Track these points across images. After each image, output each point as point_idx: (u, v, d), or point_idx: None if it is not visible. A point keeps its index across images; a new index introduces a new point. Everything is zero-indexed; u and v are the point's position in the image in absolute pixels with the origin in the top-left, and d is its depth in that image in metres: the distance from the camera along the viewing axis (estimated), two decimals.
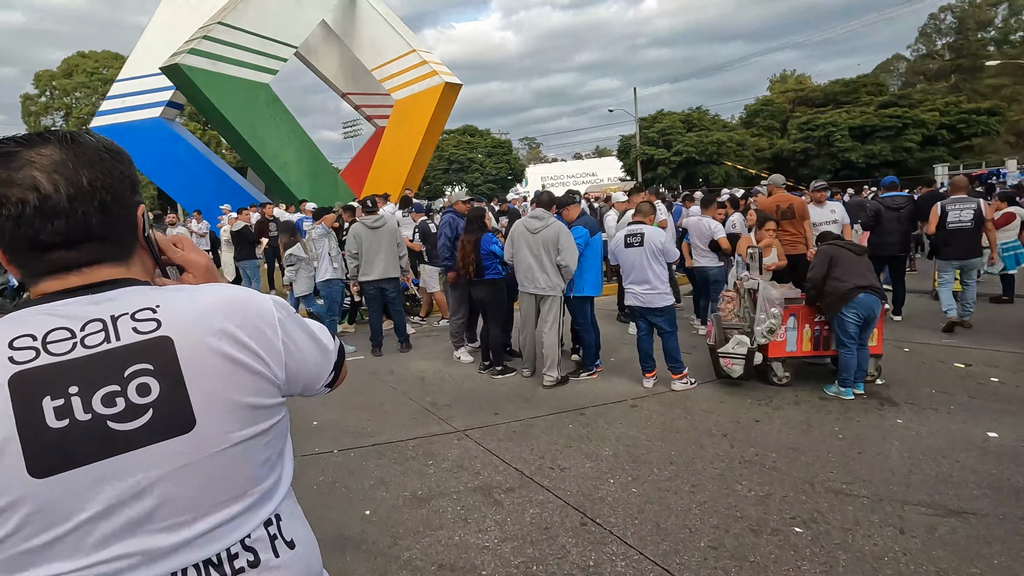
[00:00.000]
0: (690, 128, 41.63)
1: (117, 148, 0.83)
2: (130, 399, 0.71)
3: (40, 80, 37.60)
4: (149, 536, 0.71)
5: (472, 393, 4.91)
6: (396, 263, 6.23)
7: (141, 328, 0.73)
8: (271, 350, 0.81)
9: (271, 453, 0.82)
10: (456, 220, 5.86)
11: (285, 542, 0.82)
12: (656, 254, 4.46)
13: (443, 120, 20.63)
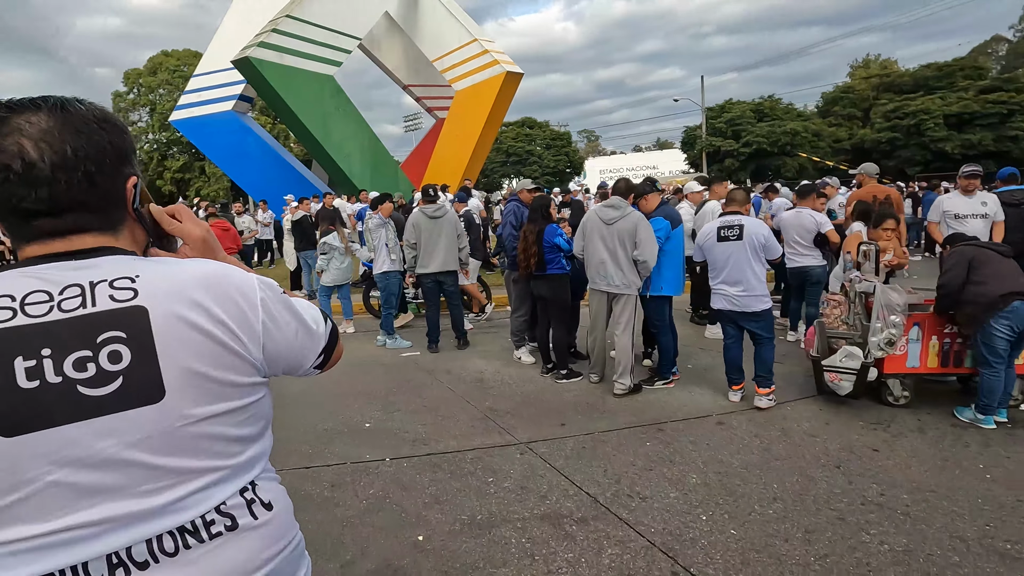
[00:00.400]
0: (761, 118, 39.37)
1: (110, 118, 0.82)
2: (101, 365, 0.71)
3: (128, 78, 40.16)
4: (118, 502, 0.72)
5: (535, 399, 4.49)
6: (456, 255, 5.89)
7: (118, 296, 0.74)
8: (248, 329, 0.81)
9: (248, 431, 0.83)
10: (520, 209, 5.44)
11: (263, 504, 0.84)
12: (757, 250, 3.86)
13: (503, 110, 20.27)
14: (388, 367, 5.52)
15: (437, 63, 20.53)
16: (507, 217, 5.42)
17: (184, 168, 39.94)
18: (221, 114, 20.51)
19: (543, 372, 5.03)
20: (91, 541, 0.70)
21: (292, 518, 0.92)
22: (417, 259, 5.82)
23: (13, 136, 0.72)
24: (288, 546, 0.88)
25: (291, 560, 0.89)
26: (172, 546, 0.75)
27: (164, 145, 40.98)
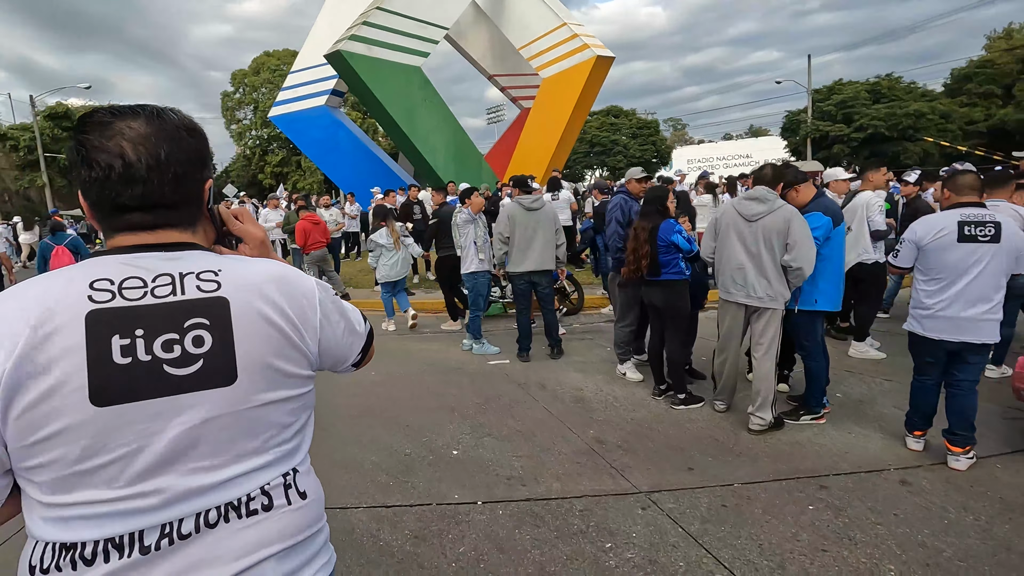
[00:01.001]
0: (877, 99, 35.35)
1: (195, 127, 0.90)
2: (186, 348, 0.79)
3: (235, 79, 42.97)
4: (182, 476, 0.79)
5: (650, 429, 3.76)
6: (553, 253, 5.25)
7: (204, 287, 0.82)
8: (309, 325, 0.90)
9: (296, 419, 0.91)
10: (628, 203, 4.68)
11: (298, 492, 0.90)
12: (1013, 259, 2.88)
13: (592, 96, 19.33)
14: (475, 377, 4.99)
15: (524, 50, 19.93)
16: (612, 212, 4.68)
17: (282, 163, 42.24)
18: (314, 109, 21.16)
19: (655, 394, 4.28)
20: (151, 512, 0.77)
21: (322, 511, 0.98)
22: (509, 255, 5.24)
23: (116, 139, 0.80)
24: (314, 532, 0.93)
25: (313, 545, 0.93)
26: (215, 518, 0.81)
27: (265, 141, 43.56)
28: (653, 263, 3.93)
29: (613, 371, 4.90)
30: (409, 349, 6.04)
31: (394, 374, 5.14)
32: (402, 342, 6.41)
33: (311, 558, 0.92)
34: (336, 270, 10.28)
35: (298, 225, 7.84)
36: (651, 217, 4.00)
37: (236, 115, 44.73)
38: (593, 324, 6.88)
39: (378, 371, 5.24)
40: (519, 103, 24.12)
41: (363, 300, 8.57)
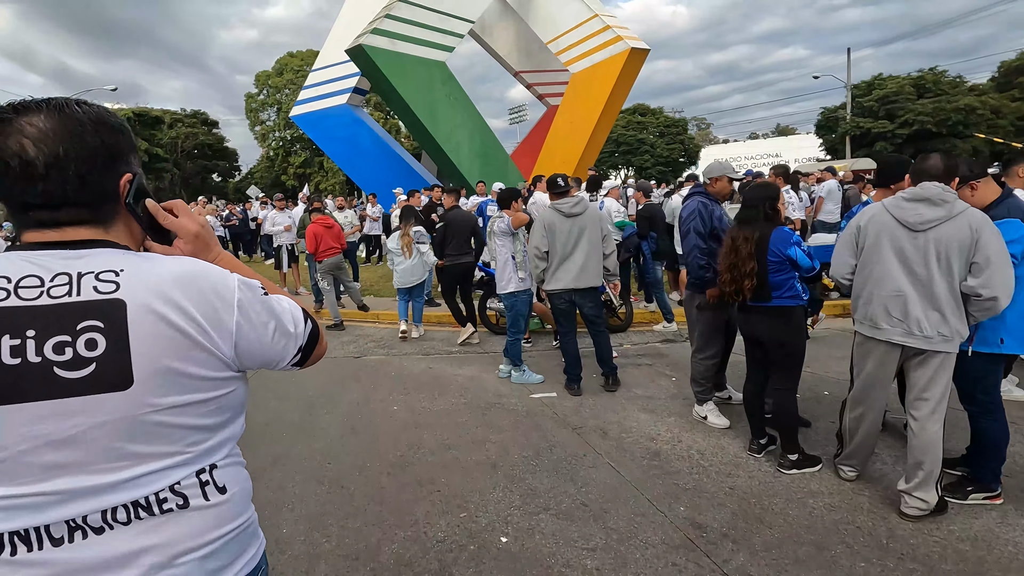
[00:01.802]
0: (921, 94, 33.52)
1: (105, 119, 0.86)
2: (78, 350, 0.77)
3: (259, 80, 42.93)
4: (80, 476, 0.78)
5: (760, 506, 2.83)
6: (599, 265, 4.36)
7: (101, 288, 0.80)
8: (220, 326, 0.85)
9: (215, 421, 0.88)
10: (710, 207, 3.74)
11: (217, 487, 0.88)
12: None
13: (625, 92, 18.31)
14: (518, 416, 4.11)
15: (552, 44, 19.03)
16: (689, 221, 3.72)
17: (305, 164, 42.03)
18: (335, 108, 20.57)
19: (752, 450, 3.34)
20: (54, 507, 0.77)
21: (248, 503, 0.97)
22: (548, 272, 4.36)
23: (15, 136, 0.79)
24: (238, 528, 0.92)
25: (240, 540, 0.93)
26: (125, 517, 0.81)
27: (288, 142, 43.43)
28: (761, 284, 3.00)
29: (688, 412, 3.98)
30: (438, 375, 5.19)
31: (421, 411, 4.29)
32: (428, 364, 5.57)
33: (243, 549, 0.94)
34: (355, 278, 9.52)
35: (308, 229, 7.08)
36: (756, 224, 3.07)
37: (260, 116, 44.71)
38: (647, 344, 5.95)
39: (403, 406, 4.40)
40: (545, 100, 23.24)
41: (385, 311, 7.77)
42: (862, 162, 23.87)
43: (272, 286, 0.99)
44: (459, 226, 6.37)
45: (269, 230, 9.31)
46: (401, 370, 5.42)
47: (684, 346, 5.80)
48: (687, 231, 3.69)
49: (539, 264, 4.40)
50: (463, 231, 6.35)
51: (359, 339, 6.81)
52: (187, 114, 44.23)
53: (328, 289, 7.26)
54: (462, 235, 6.34)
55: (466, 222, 6.44)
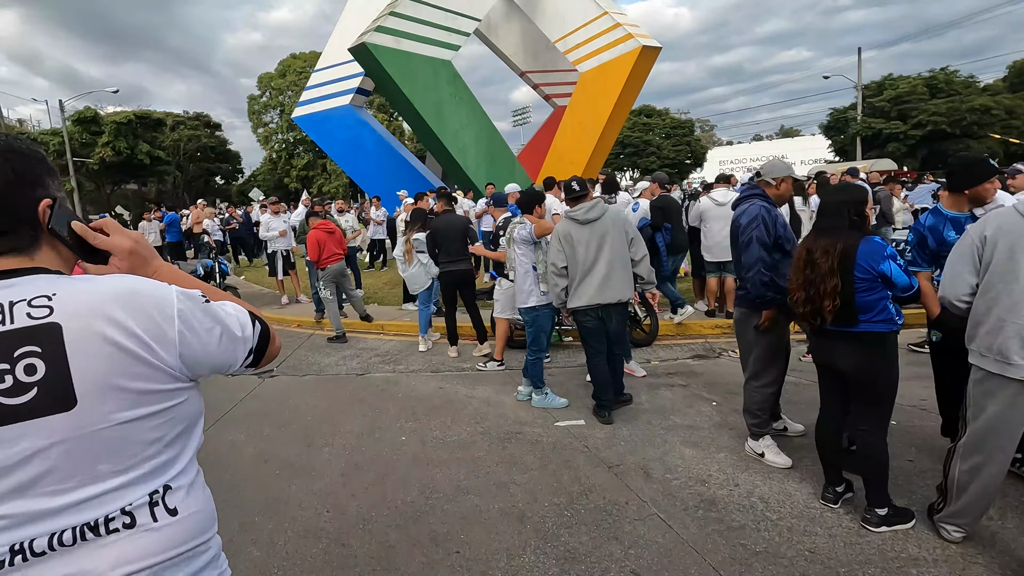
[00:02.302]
0: (934, 94, 32.91)
1: (15, 148, 0.87)
2: (18, 377, 0.78)
3: (261, 81, 42.60)
4: (30, 500, 0.79)
5: (849, 574, 2.32)
6: (629, 275, 3.85)
7: (34, 314, 0.81)
8: (162, 339, 0.87)
9: (164, 433, 0.89)
10: (774, 212, 3.23)
11: (167, 509, 0.89)
12: None
13: (635, 91, 17.82)
14: (544, 450, 3.60)
15: (560, 43, 18.56)
16: (751, 229, 3.18)
17: (308, 166, 41.66)
18: (338, 108, 20.15)
19: (828, 499, 2.83)
20: (3, 532, 0.78)
21: (206, 527, 0.95)
22: (569, 289, 3.87)
23: None
24: (189, 552, 0.90)
25: (190, 564, 0.91)
26: (71, 539, 0.81)
27: (291, 145, 43.07)
28: (845, 306, 2.49)
29: (738, 446, 3.48)
30: (450, 397, 4.69)
31: (433, 443, 3.80)
32: (439, 384, 5.07)
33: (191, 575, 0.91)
34: (357, 285, 9.04)
35: (309, 236, 6.60)
36: (839, 233, 2.56)
37: (263, 119, 44.38)
38: (677, 361, 5.44)
39: (412, 435, 3.91)
40: (552, 101, 22.81)
41: (390, 321, 7.28)
42: (882, 163, 23.33)
43: (216, 293, 1.03)
44: (448, 232, 5.80)
45: (263, 235, 8.83)
46: (409, 391, 4.92)
47: (718, 363, 5.29)
48: (748, 240, 3.16)
49: (558, 282, 3.87)
50: (453, 236, 5.77)
51: (363, 353, 6.32)
52: (189, 116, 43.94)
53: (331, 299, 6.78)
54: (453, 241, 5.77)
55: (454, 226, 5.87)
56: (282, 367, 5.92)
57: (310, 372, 5.70)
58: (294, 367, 5.90)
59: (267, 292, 10.28)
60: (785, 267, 3.09)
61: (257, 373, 5.68)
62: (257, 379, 5.54)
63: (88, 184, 34.21)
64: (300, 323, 7.97)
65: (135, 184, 39.55)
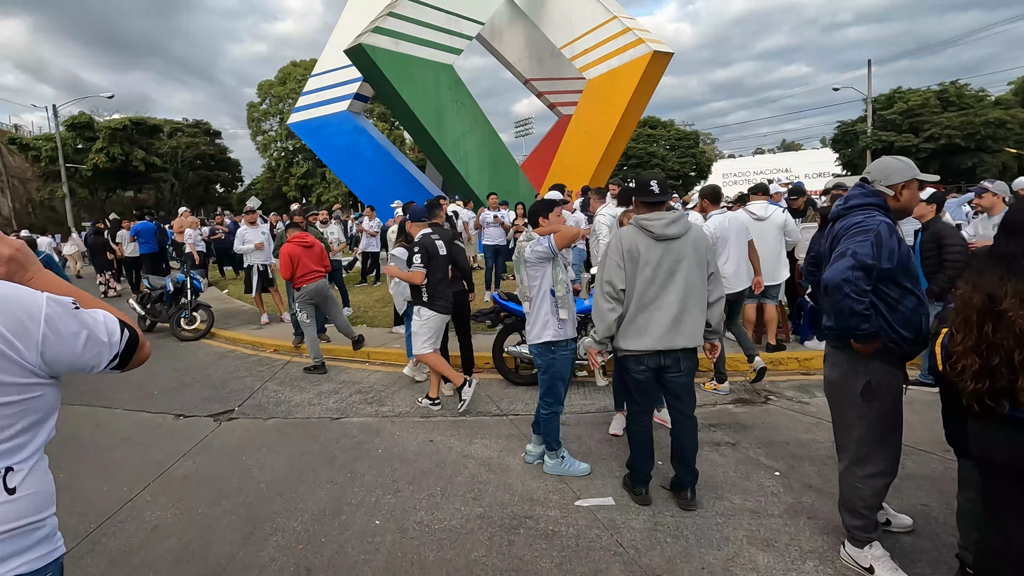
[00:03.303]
0: (945, 107, 32.22)
1: None
2: None
3: (261, 89, 42.05)
4: None
5: None
6: (703, 316, 2.93)
7: None
8: (26, 338, 1.01)
9: (15, 422, 1.03)
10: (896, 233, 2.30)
11: (6, 489, 1.02)
12: None
13: (645, 98, 17.03)
14: (562, 550, 2.68)
15: (567, 49, 17.83)
16: (856, 239, 2.25)
17: (307, 174, 40.97)
18: (336, 115, 19.40)
19: None
20: None
21: (41, 507, 1.09)
22: (621, 321, 2.95)
23: None
24: (24, 528, 1.04)
25: (24, 538, 1.05)
26: None
27: (290, 153, 42.43)
28: None
29: (829, 548, 2.56)
30: (441, 456, 3.77)
31: (416, 530, 2.88)
32: (428, 435, 4.16)
33: (25, 548, 1.05)
34: (344, 303, 8.14)
35: (282, 250, 5.73)
36: None
37: (262, 126, 43.80)
38: (715, 408, 4.52)
39: (389, 517, 2.99)
40: (557, 110, 22.08)
41: (376, 348, 6.37)
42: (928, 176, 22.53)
43: (89, 300, 1.19)
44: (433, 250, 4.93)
45: (238, 248, 7.93)
46: (391, 445, 4.01)
47: (768, 411, 4.37)
48: (842, 253, 2.24)
49: (610, 310, 2.84)
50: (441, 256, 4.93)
51: (343, 388, 5.41)
52: (188, 124, 43.35)
53: (308, 323, 5.88)
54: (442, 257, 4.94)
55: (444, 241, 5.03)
56: (245, 405, 5.01)
57: (276, 414, 4.78)
58: (259, 406, 4.99)
59: (248, 309, 9.39)
60: (910, 308, 2.20)
61: (213, 415, 4.78)
62: (212, 422, 4.63)
63: (81, 190, 33.46)
64: (277, 347, 7.06)
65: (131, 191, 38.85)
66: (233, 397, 5.26)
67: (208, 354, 6.98)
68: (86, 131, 31.97)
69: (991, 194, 5.05)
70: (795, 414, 4.28)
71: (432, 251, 4.53)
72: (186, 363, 6.56)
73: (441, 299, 4.60)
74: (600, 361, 2.93)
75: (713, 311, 2.88)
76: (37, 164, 32.70)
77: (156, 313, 8.17)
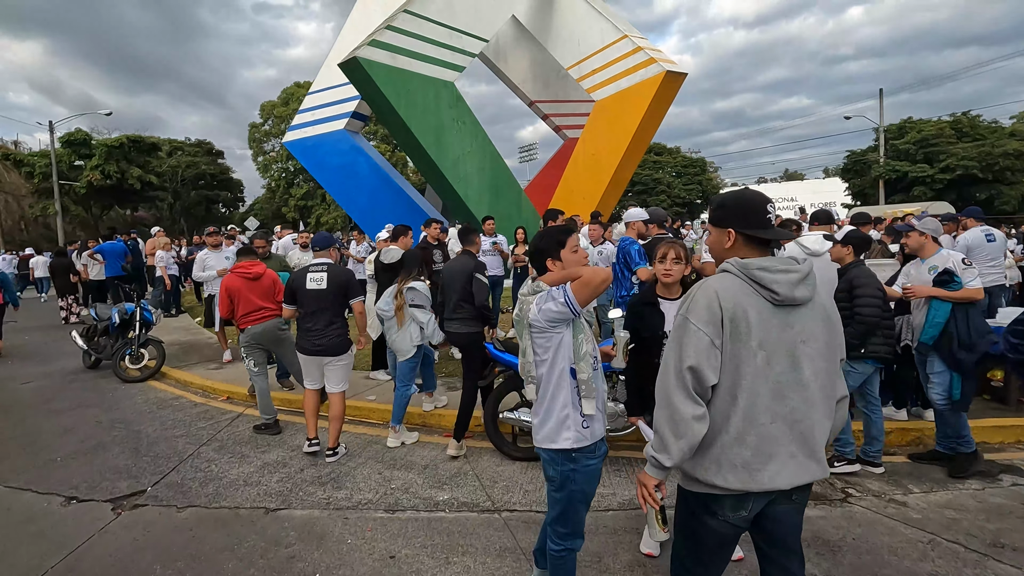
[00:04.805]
0: (959, 138, 31.50)
1: None
2: None
3: (264, 110, 41.72)
4: None
5: None
6: (829, 426, 1.72)
7: None
8: None
9: None
10: None
11: None
12: None
13: (657, 120, 16.15)
14: None
15: (574, 70, 17.04)
16: None
17: (307, 196, 40.29)
18: (332, 133, 18.59)
19: None
20: None
21: None
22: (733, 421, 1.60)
23: None
24: None
25: None
26: None
27: (291, 173, 41.85)
28: None
29: None
30: None
31: None
32: (391, 547, 3.03)
33: None
34: None
35: (222, 283, 4.65)
36: None
37: (264, 147, 43.34)
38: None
39: None
40: (563, 133, 21.26)
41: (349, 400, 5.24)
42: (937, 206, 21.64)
43: None
44: (450, 280, 4.31)
45: (196, 275, 6.86)
46: (336, 562, 2.87)
47: (851, 514, 3.21)
48: None
49: (697, 418, 1.58)
50: (456, 286, 4.25)
51: (294, 458, 4.28)
52: (190, 143, 42.92)
53: (256, 371, 4.79)
54: (455, 291, 4.26)
55: (459, 272, 4.31)
56: (164, 483, 3.88)
57: (198, 499, 3.64)
58: (180, 485, 3.85)
59: (214, 343, 8.27)
60: None
61: (114, 500, 3.64)
62: (110, 511, 3.49)
63: (75, 207, 32.71)
64: (231, 394, 5.94)
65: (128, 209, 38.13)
66: (153, 468, 4.13)
67: (147, 402, 5.86)
68: (82, 148, 31.33)
69: (918, 233, 3.97)
70: (893, 522, 3.13)
71: (295, 286, 4.21)
72: (116, 414, 5.44)
73: (304, 338, 4.19)
74: (661, 498, 1.72)
75: (839, 412, 1.76)
76: (31, 181, 32.00)
77: (100, 349, 7.08)
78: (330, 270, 4.18)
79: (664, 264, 2.82)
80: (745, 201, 1.71)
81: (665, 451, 1.63)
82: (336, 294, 4.13)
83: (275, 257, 6.56)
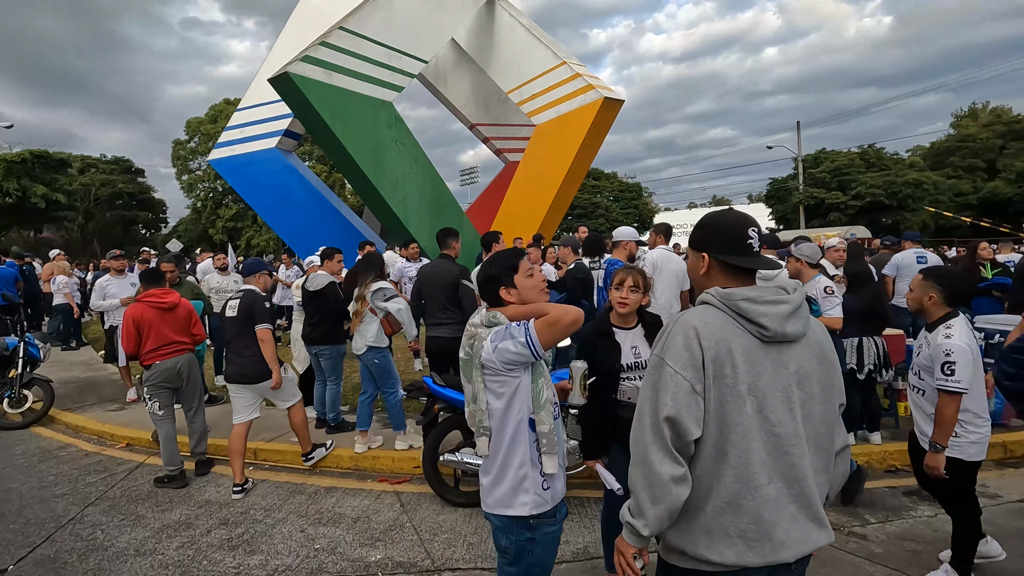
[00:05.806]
0: (867, 167, 34.28)
1: None
2: None
3: (190, 126, 39.58)
4: None
5: None
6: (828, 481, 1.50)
7: None
8: None
9: None
10: None
11: None
12: None
13: (596, 145, 16.38)
14: None
15: (515, 94, 17.11)
16: None
17: (236, 217, 38.29)
18: (263, 152, 17.68)
19: None
20: None
21: None
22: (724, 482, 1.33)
23: None
24: None
25: None
26: None
27: (219, 193, 39.72)
28: None
29: None
30: None
31: None
32: None
33: None
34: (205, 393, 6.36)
35: (126, 313, 4.06)
36: None
37: (189, 165, 41.00)
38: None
39: None
40: (504, 156, 21.28)
41: (268, 444, 4.67)
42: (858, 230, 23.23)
43: None
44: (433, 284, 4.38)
45: (95, 304, 6.04)
46: None
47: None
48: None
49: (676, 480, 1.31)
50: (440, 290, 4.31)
51: (201, 516, 3.70)
52: (105, 160, 39.98)
53: (161, 415, 4.17)
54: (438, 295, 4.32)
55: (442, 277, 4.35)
56: (32, 557, 3.21)
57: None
58: (51, 559, 3.20)
59: (116, 380, 7.36)
60: None
61: None
62: None
63: None
64: (132, 440, 5.20)
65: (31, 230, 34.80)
66: (20, 539, 3.44)
67: (26, 453, 5.03)
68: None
69: (794, 259, 4.08)
70: (858, 559, 2.98)
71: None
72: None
73: (227, 365, 4.12)
74: (641, 567, 1.41)
75: (839, 464, 1.53)
76: None
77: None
78: (243, 296, 4.06)
79: (620, 292, 2.57)
80: (723, 223, 1.47)
81: (642, 517, 1.35)
82: (245, 319, 3.99)
83: (187, 284, 5.90)
